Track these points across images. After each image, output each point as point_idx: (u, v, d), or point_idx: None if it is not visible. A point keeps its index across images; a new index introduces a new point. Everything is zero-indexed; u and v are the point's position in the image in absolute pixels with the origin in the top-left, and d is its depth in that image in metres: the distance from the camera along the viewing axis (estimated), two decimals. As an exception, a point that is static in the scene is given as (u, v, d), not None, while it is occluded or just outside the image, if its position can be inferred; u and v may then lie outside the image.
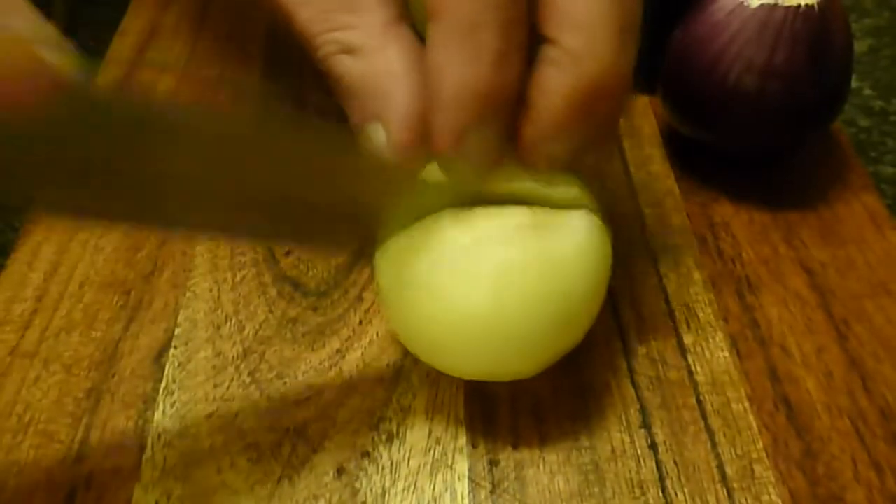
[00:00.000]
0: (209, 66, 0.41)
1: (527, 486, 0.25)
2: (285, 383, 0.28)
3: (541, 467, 0.26)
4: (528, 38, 0.21)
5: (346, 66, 0.23)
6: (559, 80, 0.21)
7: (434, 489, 0.25)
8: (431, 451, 0.26)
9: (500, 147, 0.22)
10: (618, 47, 0.21)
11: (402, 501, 0.25)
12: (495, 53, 0.20)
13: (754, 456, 0.26)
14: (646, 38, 0.37)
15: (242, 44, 0.42)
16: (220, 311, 0.30)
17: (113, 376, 0.28)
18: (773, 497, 0.25)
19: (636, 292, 0.30)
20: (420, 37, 0.22)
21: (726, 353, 0.28)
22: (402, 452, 0.26)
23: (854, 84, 0.36)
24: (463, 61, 0.20)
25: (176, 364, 0.29)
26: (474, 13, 0.20)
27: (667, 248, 0.32)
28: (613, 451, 0.26)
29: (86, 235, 0.33)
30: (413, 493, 0.25)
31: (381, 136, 0.23)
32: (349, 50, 0.23)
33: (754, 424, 0.26)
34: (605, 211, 0.25)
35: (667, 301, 0.30)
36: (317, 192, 0.23)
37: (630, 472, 0.25)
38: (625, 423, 0.27)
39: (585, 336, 0.29)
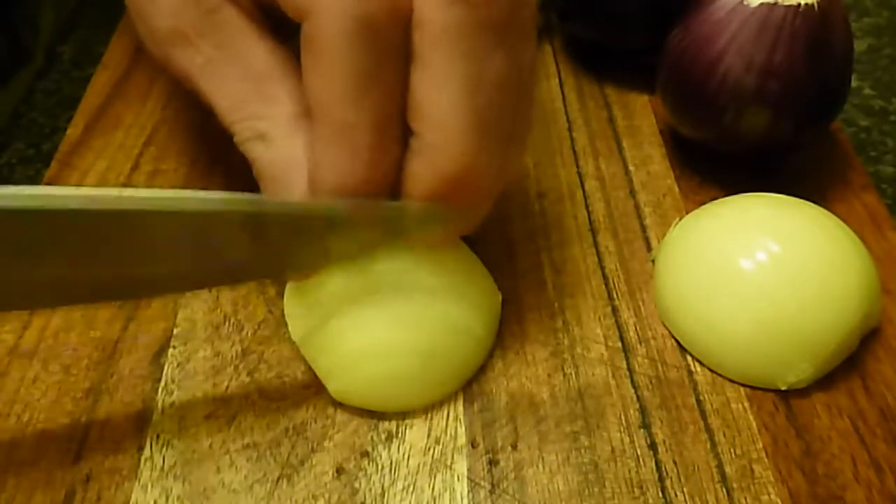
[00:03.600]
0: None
1: (526, 485, 0.25)
2: (284, 383, 0.28)
3: (540, 467, 0.25)
4: (402, 129, 0.23)
5: (258, 152, 0.25)
6: (421, 170, 0.23)
7: (433, 489, 0.25)
8: (431, 451, 0.26)
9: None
10: (474, 144, 0.23)
11: (401, 501, 0.25)
12: (368, 150, 0.22)
13: (754, 456, 0.26)
14: (646, 37, 0.37)
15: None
16: (218, 311, 0.30)
17: (112, 376, 0.28)
18: (773, 497, 0.25)
19: (635, 291, 0.30)
20: None
21: (726, 353, 0.28)
22: (401, 452, 0.26)
23: (854, 83, 0.36)
24: (340, 159, 0.22)
25: (175, 364, 0.28)
26: (349, 114, 0.22)
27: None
28: (613, 450, 0.26)
29: (85, 235, 0.33)
30: (412, 492, 0.25)
31: None
32: (261, 137, 0.25)
33: (754, 424, 0.26)
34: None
35: (666, 301, 0.30)
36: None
37: (629, 471, 0.25)
38: (624, 422, 0.27)
39: (584, 334, 0.28)
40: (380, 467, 0.26)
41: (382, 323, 0.26)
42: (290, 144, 0.24)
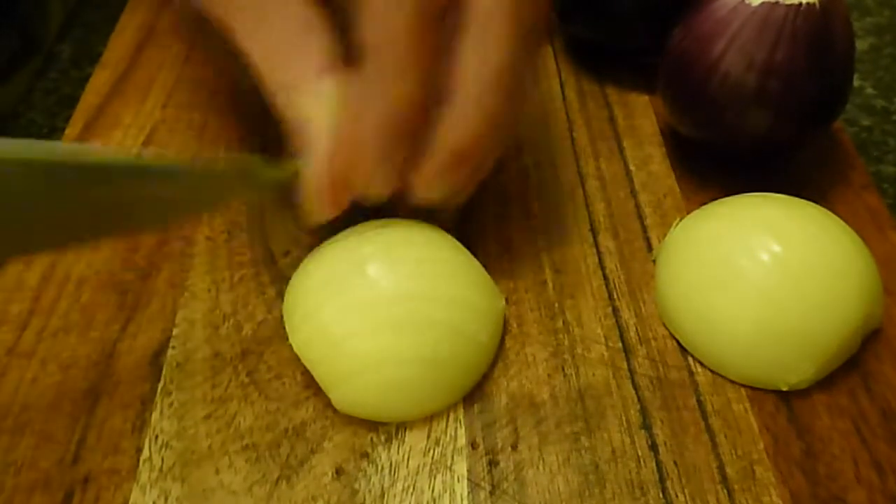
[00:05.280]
0: (206, 65, 0.41)
1: (526, 487, 0.25)
2: (284, 383, 0.28)
3: (540, 468, 0.25)
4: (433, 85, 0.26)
5: (286, 101, 0.27)
6: (456, 124, 0.26)
7: (433, 490, 0.25)
8: (431, 452, 0.26)
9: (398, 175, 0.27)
10: (502, 106, 0.26)
11: (401, 502, 0.25)
12: (414, 85, 0.25)
13: (755, 457, 0.26)
14: (646, 37, 0.37)
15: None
16: (218, 311, 0.30)
17: (110, 377, 0.28)
18: (774, 498, 0.25)
19: (636, 292, 0.30)
20: None
21: (727, 354, 0.28)
22: (401, 453, 0.26)
23: (855, 83, 0.36)
24: (391, 90, 0.25)
25: (174, 364, 0.28)
26: (403, 54, 0.25)
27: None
28: (614, 451, 0.26)
29: (84, 235, 0.33)
30: (412, 494, 0.25)
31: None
32: (289, 87, 0.27)
33: (755, 425, 0.26)
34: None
35: (667, 301, 0.30)
36: None
37: (630, 472, 0.25)
38: (625, 423, 0.26)
39: (584, 335, 0.28)
40: (379, 468, 0.26)
41: (384, 330, 0.26)
42: (315, 95, 0.26)
